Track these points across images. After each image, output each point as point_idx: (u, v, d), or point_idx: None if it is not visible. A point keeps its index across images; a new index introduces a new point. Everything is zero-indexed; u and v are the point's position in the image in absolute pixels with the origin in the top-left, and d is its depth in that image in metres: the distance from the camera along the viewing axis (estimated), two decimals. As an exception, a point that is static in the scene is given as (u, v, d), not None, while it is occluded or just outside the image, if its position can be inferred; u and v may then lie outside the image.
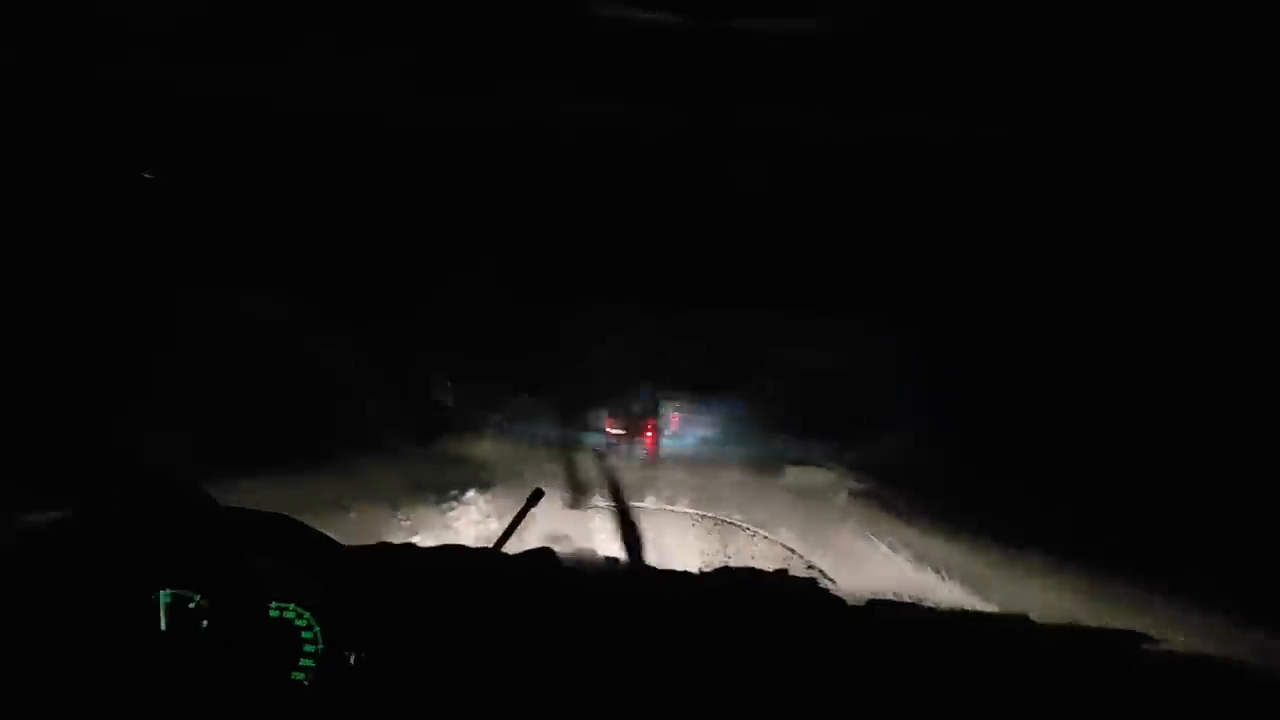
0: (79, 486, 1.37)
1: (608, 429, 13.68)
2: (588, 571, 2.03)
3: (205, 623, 1.49)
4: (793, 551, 2.78)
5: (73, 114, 4.49)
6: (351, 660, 1.59)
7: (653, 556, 2.50)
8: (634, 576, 2.07)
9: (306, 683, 1.55)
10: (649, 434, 13.35)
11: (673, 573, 2.07)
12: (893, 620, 1.93)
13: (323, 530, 1.58)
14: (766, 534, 3.25)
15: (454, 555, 2.07)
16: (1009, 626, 1.95)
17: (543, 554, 2.07)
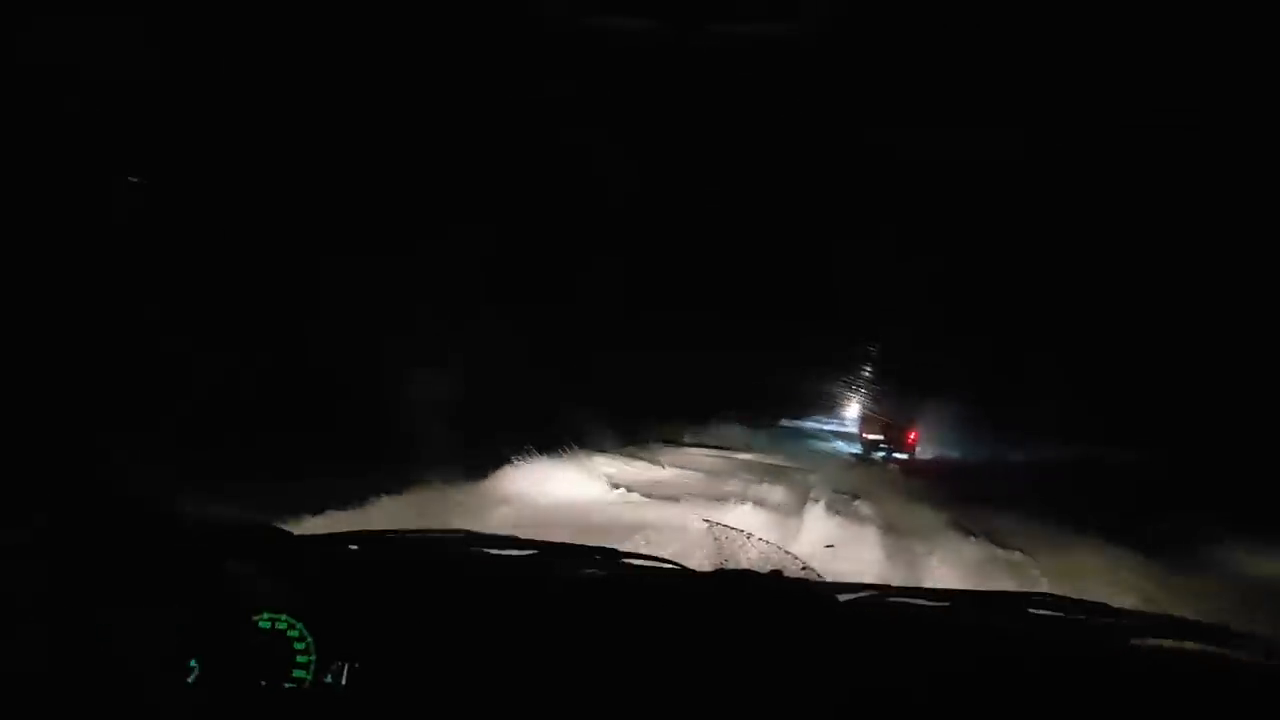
0: (51, 500, 1.37)
1: (864, 435, 13.99)
2: (582, 568, 2.03)
3: (195, 635, 1.48)
4: (788, 554, 2.76)
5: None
6: (345, 672, 1.60)
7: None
8: (630, 575, 2.07)
9: (300, 689, 1.55)
10: (911, 440, 13.71)
11: (670, 572, 2.07)
12: (882, 616, 1.93)
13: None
14: (762, 537, 3.24)
15: (441, 553, 2.07)
16: (1003, 621, 1.95)
17: (536, 553, 2.07)
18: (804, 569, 2.18)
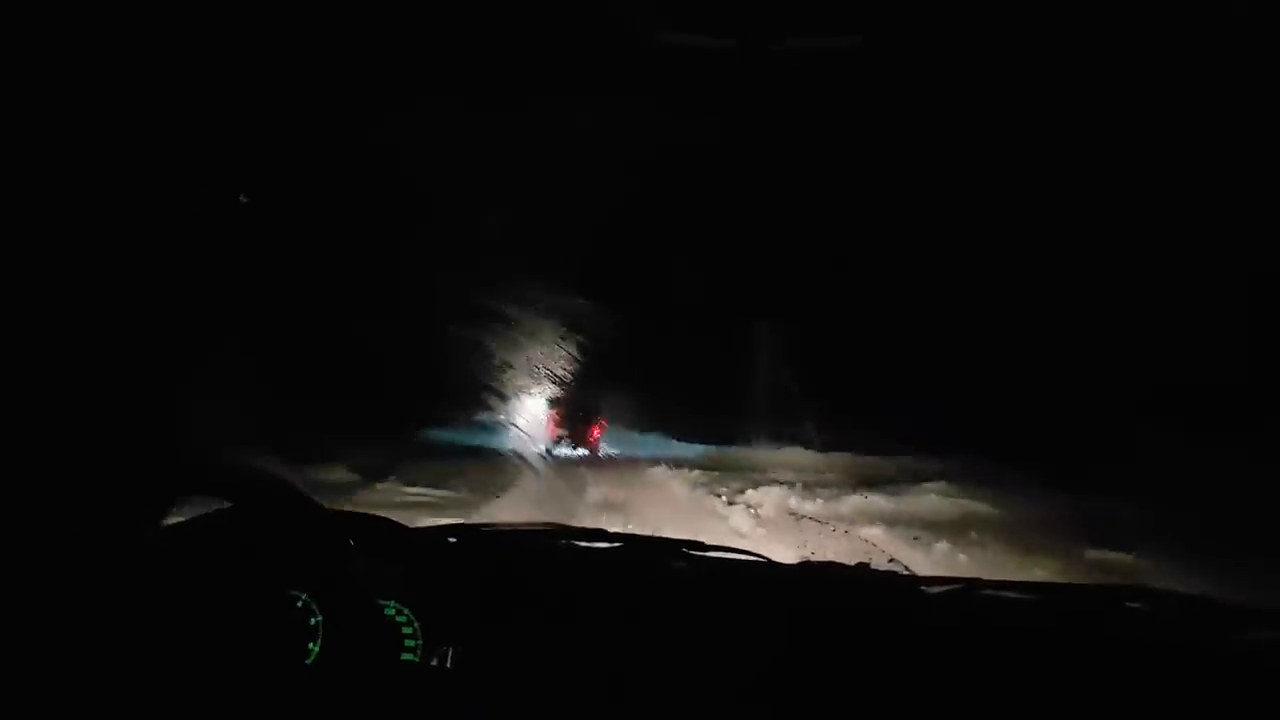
0: (218, 489, 1.48)
1: (553, 429, 13.83)
2: (671, 561, 2.08)
3: (314, 620, 1.59)
4: (874, 545, 2.77)
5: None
6: (449, 655, 1.69)
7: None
8: (717, 567, 2.11)
9: (409, 669, 1.65)
10: (595, 434, 13.63)
11: (758, 564, 2.10)
12: (973, 609, 1.92)
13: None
14: (847, 529, 3.26)
15: (534, 545, 2.15)
16: (1097, 615, 1.92)
17: (623, 545, 2.13)
18: (891, 561, 2.18)
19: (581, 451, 14.72)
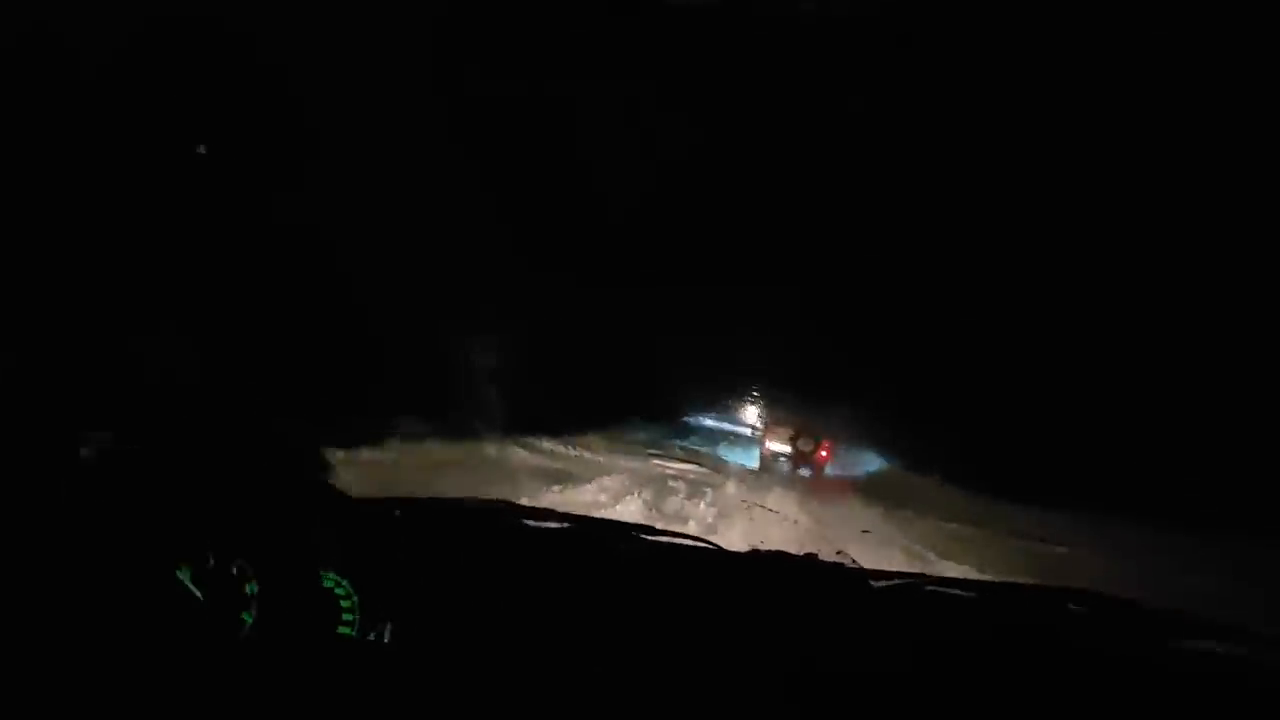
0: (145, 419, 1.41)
1: (768, 444, 12.76)
2: (618, 543, 2.06)
3: (250, 588, 1.54)
4: (823, 538, 2.78)
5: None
6: (387, 631, 1.65)
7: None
8: (665, 552, 2.10)
9: (346, 643, 1.61)
10: (823, 454, 12.41)
11: (705, 550, 2.10)
12: (918, 604, 1.94)
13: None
14: (796, 519, 3.28)
15: (481, 522, 2.12)
16: (1039, 603, 1.95)
17: (571, 525, 2.11)
18: (839, 553, 2.19)
19: (804, 472, 12.09)
